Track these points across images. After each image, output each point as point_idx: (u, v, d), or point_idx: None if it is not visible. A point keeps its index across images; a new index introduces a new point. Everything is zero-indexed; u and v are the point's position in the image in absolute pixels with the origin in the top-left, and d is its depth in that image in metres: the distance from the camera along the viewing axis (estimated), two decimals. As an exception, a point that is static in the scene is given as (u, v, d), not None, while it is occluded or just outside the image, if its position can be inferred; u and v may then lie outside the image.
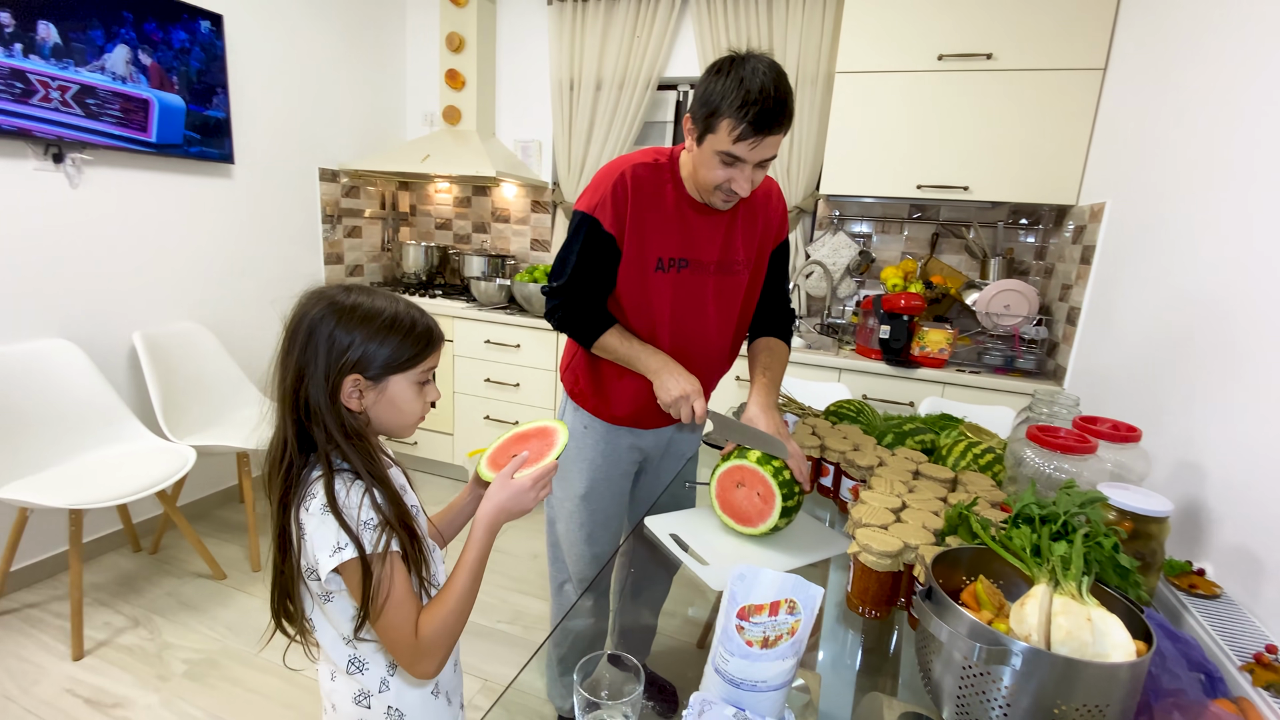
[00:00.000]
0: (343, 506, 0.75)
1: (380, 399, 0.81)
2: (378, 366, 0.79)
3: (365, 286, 0.84)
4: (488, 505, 0.85)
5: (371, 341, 0.78)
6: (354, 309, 0.79)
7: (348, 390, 0.78)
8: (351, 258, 3.20)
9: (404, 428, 0.86)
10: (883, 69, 2.24)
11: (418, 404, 0.85)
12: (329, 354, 0.77)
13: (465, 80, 3.00)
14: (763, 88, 1.01)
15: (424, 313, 0.85)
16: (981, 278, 2.44)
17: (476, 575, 0.83)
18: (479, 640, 1.96)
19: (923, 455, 1.31)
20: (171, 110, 2.24)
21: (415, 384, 0.83)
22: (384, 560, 0.76)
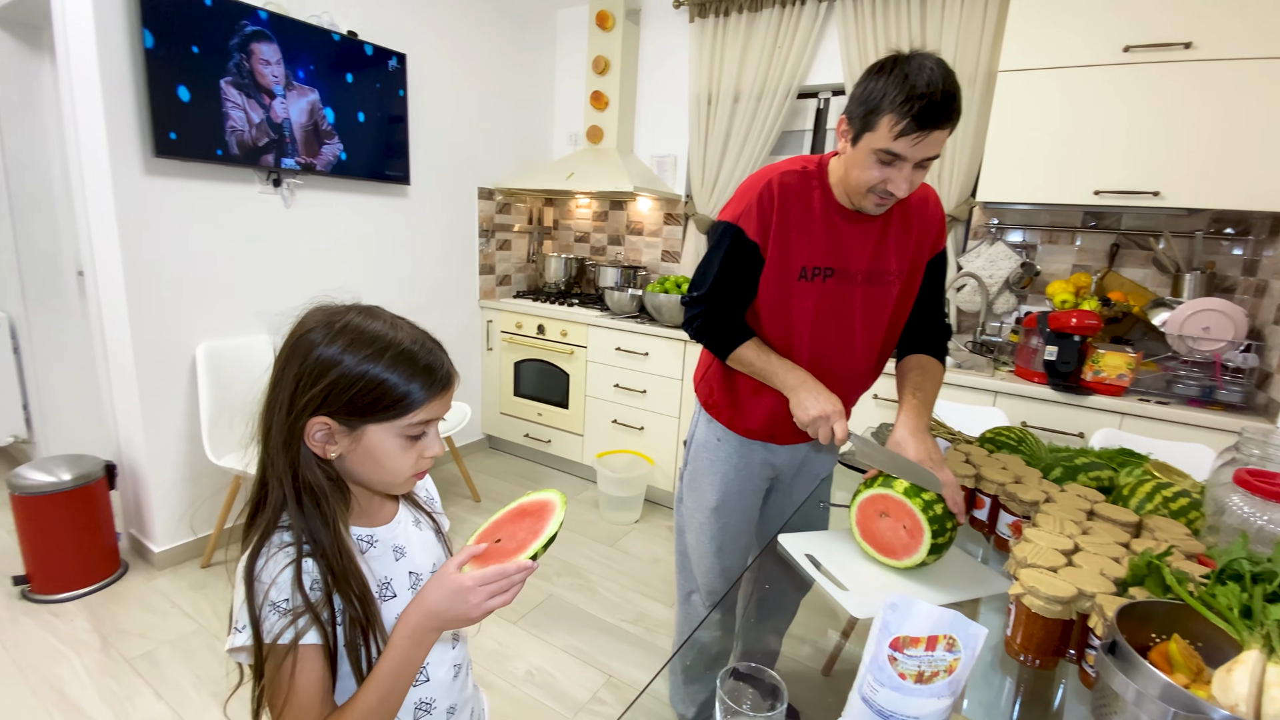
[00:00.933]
0: (257, 578, 0.64)
1: (355, 449, 0.67)
2: (349, 410, 0.65)
3: (377, 309, 0.70)
4: (416, 606, 0.68)
5: (353, 373, 0.65)
6: (345, 329, 0.66)
7: (314, 433, 0.66)
8: (502, 268, 3.47)
9: (389, 486, 0.71)
10: (1055, 65, 2.05)
11: (404, 460, 0.69)
12: (298, 384, 0.65)
13: (608, 100, 3.15)
14: (930, 82, 0.97)
15: (435, 349, 0.71)
16: (1173, 295, 2.14)
17: (389, 691, 0.66)
18: (603, 635, 2.04)
19: (1099, 494, 1.18)
20: (366, 139, 2.58)
21: (401, 436, 0.68)
22: (285, 655, 0.62)
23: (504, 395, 3.37)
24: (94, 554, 2.13)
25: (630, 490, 2.75)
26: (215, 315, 2.30)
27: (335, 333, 0.66)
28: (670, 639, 2.05)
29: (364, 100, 2.56)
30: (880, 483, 1.06)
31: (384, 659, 0.67)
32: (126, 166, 2.00)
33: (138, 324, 2.10)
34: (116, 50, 1.93)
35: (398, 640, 0.67)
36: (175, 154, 2.04)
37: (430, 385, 0.68)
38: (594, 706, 1.77)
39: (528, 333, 3.19)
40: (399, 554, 0.76)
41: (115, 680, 1.74)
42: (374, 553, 0.74)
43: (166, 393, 2.21)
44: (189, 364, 2.25)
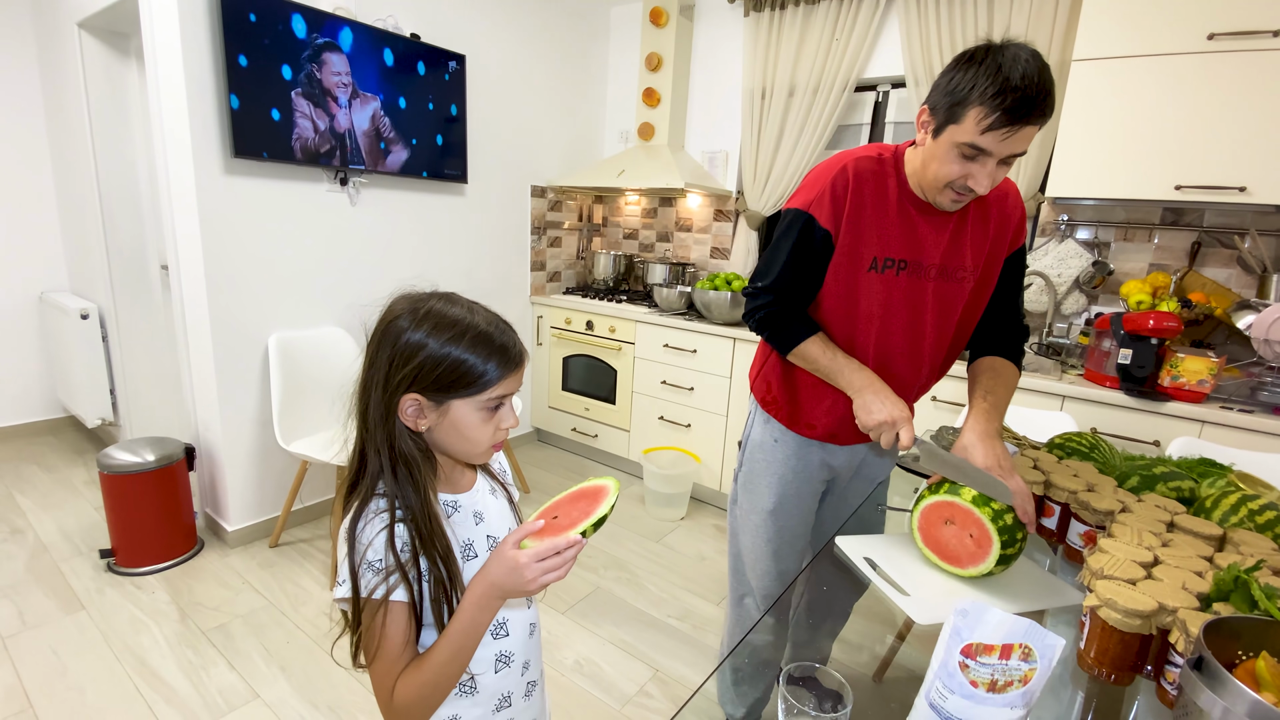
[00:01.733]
0: (357, 539, 0.71)
1: (442, 422, 0.74)
2: (437, 388, 0.72)
3: (454, 295, 0.78)
4: (481, 576, 0.73)
5: (438, 354, 0.71)
6: (428, 314, 0.73)
7: (406, 408, 0.73)
8: (552, 265, 3.52)
9: (471, 455, 0.79)
10: (1133, 53, 1.94)
11: (484, 431, 0.76)
12: (391, 365, 0.72)
13: (660, 97, 3.15)
14: (1025, 74, 0.92)
15: (507, 330, 0.77)
16: (1259, 297, 2.00)
17: (460, 648, 0.72)
18: (649, 630, 2.06)
19: (1179, 505, 1.12)
20: (427, 140, 2.66)
21: (482, 410, 0.75)
22: (379, 609, 0.70)
23: (553, 389, 3.42)
24: (174, 531, 2.28)
25: (676, 487, 2.75)
26: (286, 307, 2.42)
27: (420, 318, 0.73)
28: (717, 637, 2.05)
29: (426, 102, 2.63)
30: (946, 489, 1.03)
31: (455, 619, 0.73)
32: (208, 167, 2.12)
33: (216, 315, 2.23)
34: (199, 59, 2.04)
35: (466, 605, 0.73)
36: (252, 154, 2.15)
37: (505, 363, 0.75)
38: (641, 700, 1.79)
39: (576, 328, 3.23)
40: (479, 519, 0.83)
41: (192, 650, 1.86)
42: (457, 517, 0.81)
43: (241, 380, 2.34)
44: (262, 353, 2.37)
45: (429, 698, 0.73)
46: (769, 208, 3.02)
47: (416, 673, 0.72)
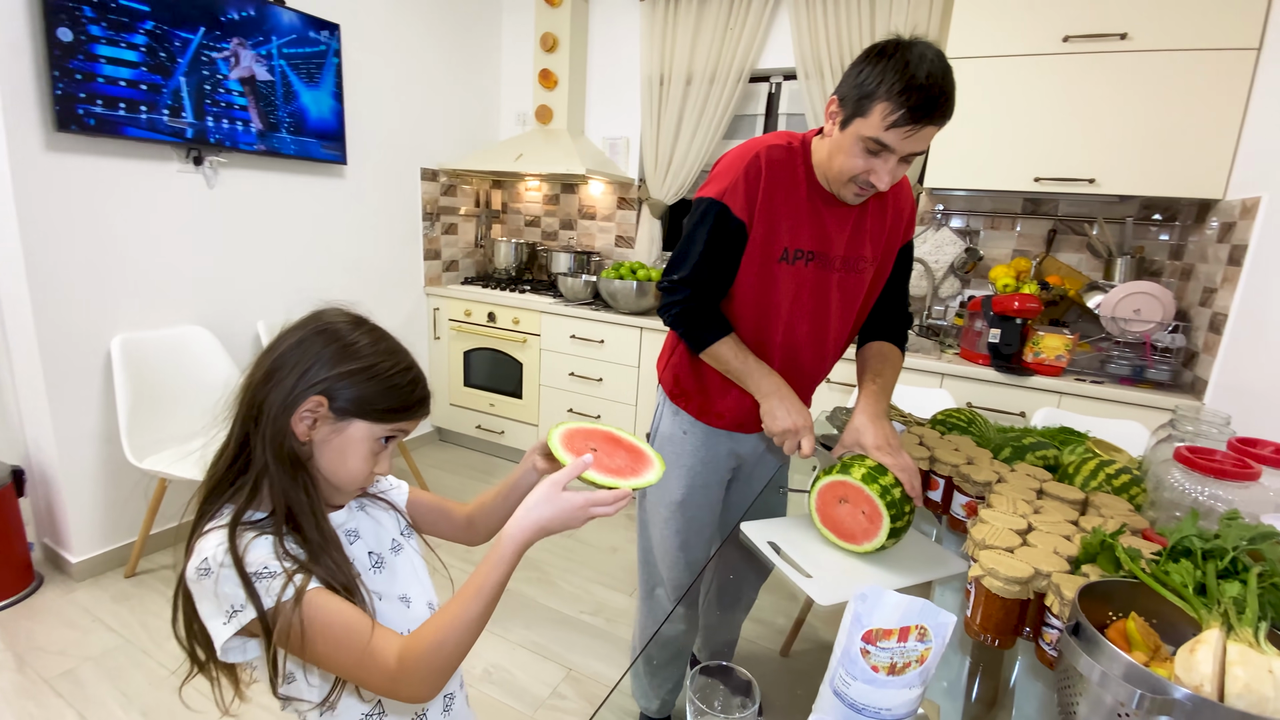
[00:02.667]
0: (243, 558, 0.64)
1: (332, 439, 0.70)
2: (348, 401, 0.70)
3: (379, 329, 0.76)
4: (527, 518, 0.70)
5: (370, 365, 0.70)
6: (351, 346, 0.71)
7: (304, 410, 0.69)
8: (448, 253, 3.34)
9: (341, 483, 0.73)
10: (999, 54, 2.09)
11: (365, 465, 0.73)
12: (306, 367, 0.69)
13: (558, 80, 3.05)
14: (930, 73, 0.93)
15: (422, 379, 0.76)
16: (1105, 279, 2.24)
17: (492, 599, 0.68)
18: (562, 629, 2.01)
19: (1046, 472, 1.21)
20: (296, 115, 2.41)
21: (375, 440, 0.72)
22: (295, 606, 0.63)
23: (454, 386, 3.26)
24: (3, 567, 1.95)
25: (587, 480, 2.71)
26: (133, 306, 2.12)
27: (366, 329, 0.73)
28: (630, 629, 2.03)
29: (295, 74, 2.39)
30: (839, 469, 1.06)
31: (487, 568, 0.68)
32: (23, 143, 1.80)
33: (43, 317, 1.91)
34: (9, 16, 1.72)
35: (505, 550, 0.69)
36: (79, 128, 1.85)
37: (419, 402, 0.75)
38: (554, 702, 1.74)
39: (478, 321, 3.09)
40: (352, 537, 0.79)
41: (33, 702, 1.60)
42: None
43: (78, 391, 2.02)
44: (103, 359, 2.06)
45: (452, 653, 0.65)
46: (671, 196, 3.02)
47: (438, 629, 0.65)
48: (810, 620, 1.17)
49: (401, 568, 0.82)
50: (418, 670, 0.64)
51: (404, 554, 0.84)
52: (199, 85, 2.11)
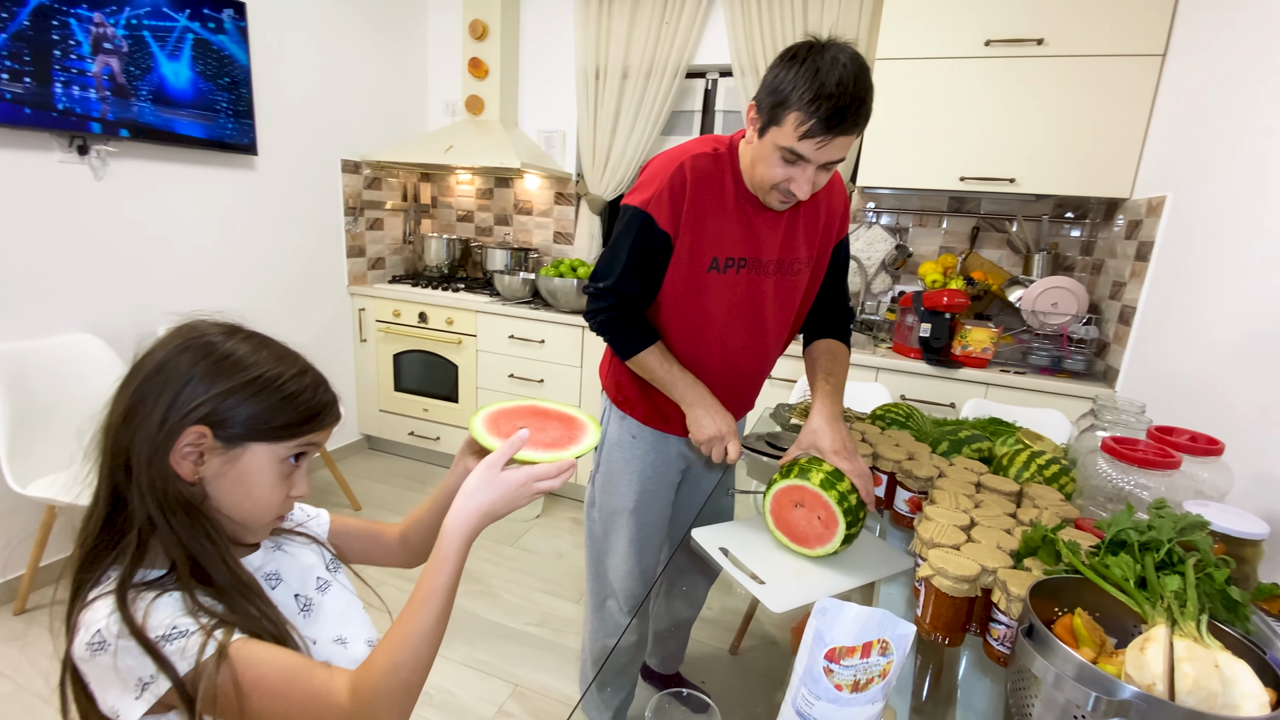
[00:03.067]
0: (143, 628, 0.54)
1: (227, 471, 0.60)
2: (237, 425, 0.59)
3: (259, 334, 0.66)
4: (468, 505, 0.64)
5: (251, 379, 0.60)
6: (227, 358, 0.60)
7: (184, 446, 0.58)
8: (374, 250, 3.16)
9: (249, 519, 0.64)
10: (926, 55, 2.15)
11: (275, 493, 0.63)
12: (175, 394, 0.58)
13: (488, 69, 2.93)
14: (840, 81, 0.91)
15: (323, 380, 0.67)
16: (1025, 274, 2.35)
17: (445, 604, 0.62)
18: (507, 642, 1.93)
19: (982, 465, 1.25)
20: (198, 100, 2.20)
21: (280, 462, 0.63)
22: (219, 664, 0.54)
23: (383, 391, 3.09)
24: None
25: (529, 484, 2.63)
26: (9, 312, 1.88)
27: (241, 336, 0.63)
28: (579, 636, 1.98)
29: (196, 56, 2.18)
30: (796, 474, 1.04)
31: (432, 570, 0.62)
32: None
33: (-113, 325, 1.66)
34: None
35: (448, 547, 0.63)
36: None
37: (326, 408, 0.66)
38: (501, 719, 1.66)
39: (408, 321, 2.94)
40: (273, 581, 0.70)
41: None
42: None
43: (-62, 409, 1.77)
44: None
45: (412, 676, 0.59)
46: (610, 192, 2.96)
47: (388, 652, 0.58)
48: (758, 615, 1.16)
49: (331, 607, 0.73)
50: (376, 702, 0.57)
51: (333, 591, 0.75)
52: (86, 68, 1.88)
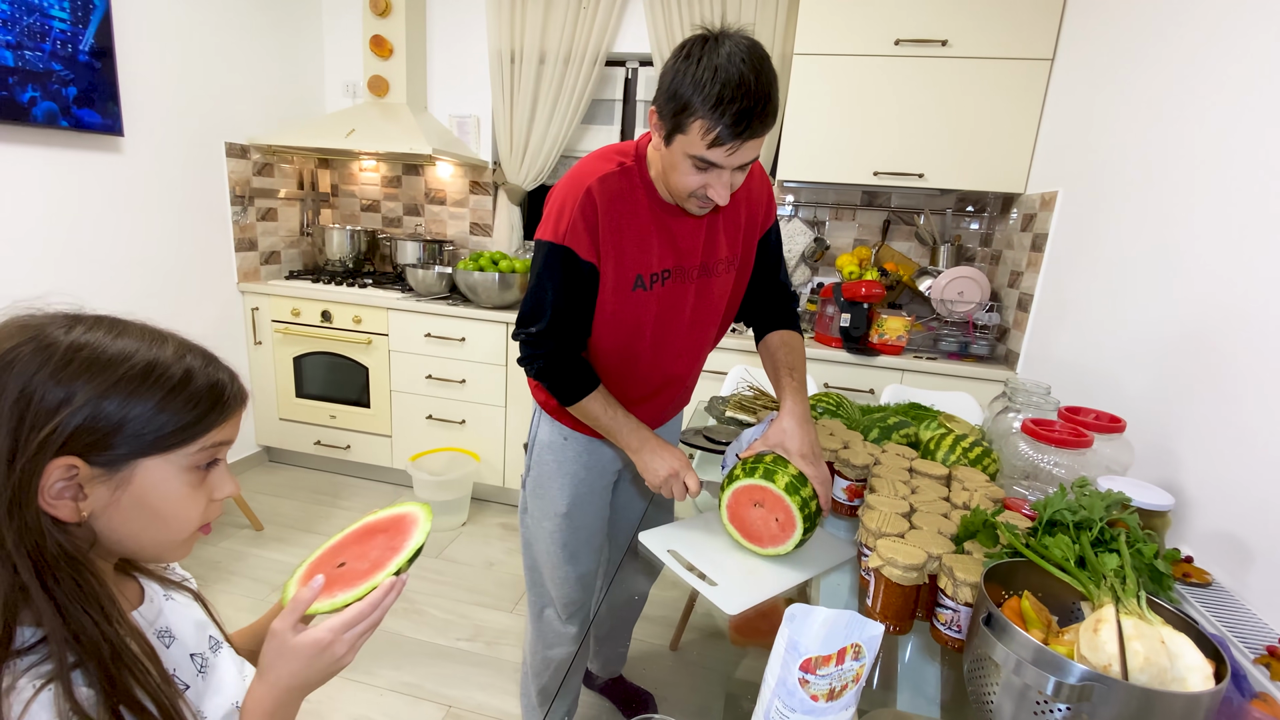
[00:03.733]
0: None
1: (120, 499, 0.50)
2: (116, 442, 0.48)
3: (108, 318, 0.53)
4: (260, 687, 0.55)
5: (107, 400, 0.48)
6: (77, 351, 0.48)
7: (53, 484, 0.47)
8: (267, 243, 2.87)
9: (162, 547, 0.54)
10: (841, 52, 2.20)
11: (190, 506, 0.53)
12: (18, 418, 0.46)
13: (393, 48, 2.73)
14: (742, 80, 0.84)
15: (210, 358, 0.56)
16: (932, 264, 2.49)
17: None
18: (437, 662, 1.82)
19: (912, 450, 1.28)
20: (51, 75, 1.89)
21: (190, 470, 0.53)
22: None
23: (283, 397, 2.83)
24: None
25: (454, 492, 2.49)
26: None
27: (89, 323, 0.50)
28: (514, 649, 1.89)
29: (42, 22, 1.86)
30: (761, 474, 1.02)
31: None
32: None
33: None
34: None
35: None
36: None
37: (221, 403, 0.54)
38: (433, 746, 1.56)
39: (309, 321, 2.70)
40: (166, 639, 0.59)
41: None
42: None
43: None
44: None
45: None
46: (530, 181, 2.85)
47: None
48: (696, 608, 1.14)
49: (225, 669, 0.63)
50: None
51: (224, 651, 0.65)
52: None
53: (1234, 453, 1.06)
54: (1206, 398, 1.16)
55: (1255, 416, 1.03)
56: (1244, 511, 1.02)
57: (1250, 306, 1.08)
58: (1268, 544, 0.97)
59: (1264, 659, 0.81)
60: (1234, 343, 1.11)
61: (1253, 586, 0.98)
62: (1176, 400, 1.24)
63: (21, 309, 0.51)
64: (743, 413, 1.64)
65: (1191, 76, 1.33)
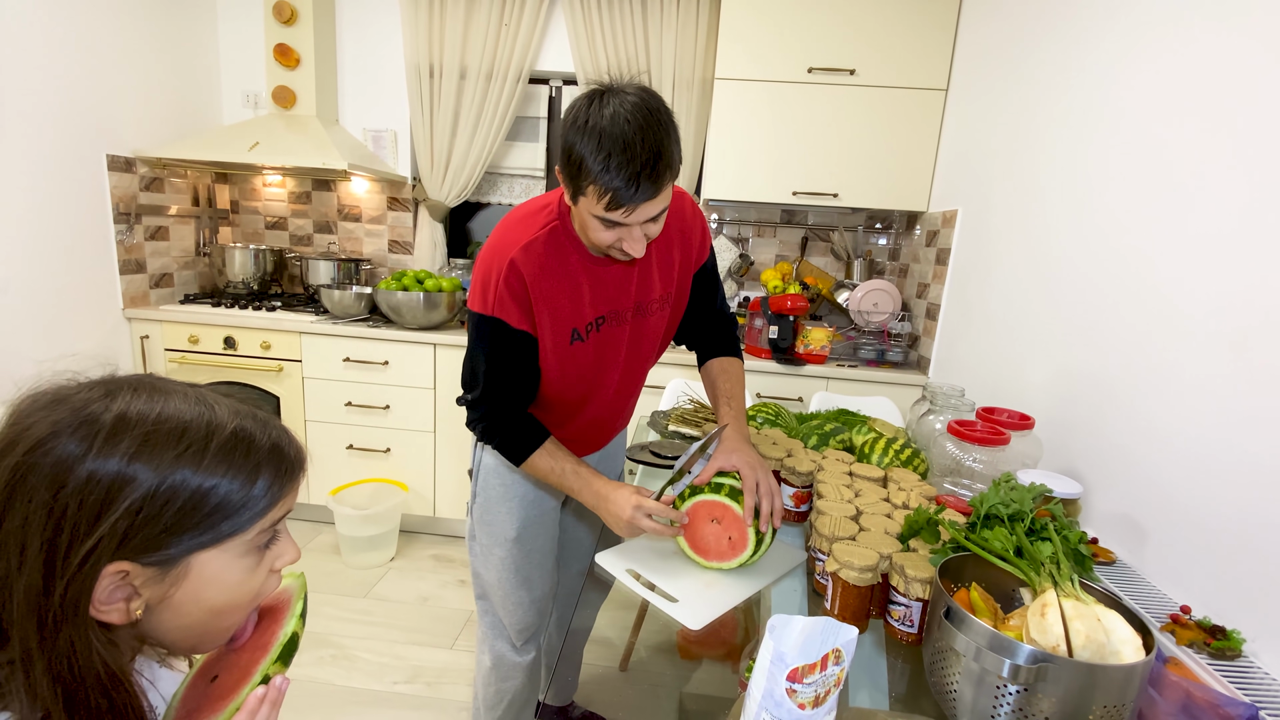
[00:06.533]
0: None
1: (174, 594, 0.45)
2: (166, 539, 0.43)
3: (159, 380, 0.48)
4: None
5: (165, 487, 0.42)
6: (123, 422, 0.43)
7: (105, 592, 0.42)
8: (157, 265, 2.62)
9: (216, 634, 0.50)
10: (759, 78, 2.31)
11: (251, 583, 0.49)
12: (60, 526, 0.40)
13: (300, 58, 2.59)
14: (626, 143, 0.83)
15: (271, 421, 0.52)
16: (847, 278, 2.64)
17: None
18: (374, 710, 1.69)
19: (849, 455, 1.35)
20: None
21: (250, 553, 0.49)
22: None
23: (182, 432, 2.57)
24: None
25: (380, 526, 2.35)
26: None
27: (108, 431, 0.42)
28: (457, 687, 1.80)
29: None
30: (727, 493, 1.04)
31: None
32: None
33: None
34: None
35: None
36: None
37: (282, 473, 0.49)
38: (374, 801, 1.45)
39: (209, 349, 2.48)
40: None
41: None
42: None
43: None
44: None
45: None
46: (453, 198, 2.77)
47: None
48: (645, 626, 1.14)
49: None
50: None
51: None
52: None
53: (1125, 441, 1.19)
54: (1095, 391, 1.29)
55: (1138, 406, 1.16)
56: (1137, 494, 1.15)
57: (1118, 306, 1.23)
58: (1159, 523, 1.09)
59: (1169, 626, 0.91)
60: (1110, 340, 1.26)
61: (1150, 561, 1.09)
62: (1070, 395, 1.38)
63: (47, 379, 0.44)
64: (685, 426, 1.66)
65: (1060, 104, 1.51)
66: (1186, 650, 0.86)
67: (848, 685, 0.90)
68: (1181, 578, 1.02)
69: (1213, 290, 1.03)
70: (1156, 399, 1.12)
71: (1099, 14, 1.40)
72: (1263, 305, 0.93)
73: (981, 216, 1.91)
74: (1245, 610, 0.91)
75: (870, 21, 2.23)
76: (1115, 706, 0.64)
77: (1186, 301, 1.08)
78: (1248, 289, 0.96)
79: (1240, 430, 0.95)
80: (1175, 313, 1.10)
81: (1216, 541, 0.97)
